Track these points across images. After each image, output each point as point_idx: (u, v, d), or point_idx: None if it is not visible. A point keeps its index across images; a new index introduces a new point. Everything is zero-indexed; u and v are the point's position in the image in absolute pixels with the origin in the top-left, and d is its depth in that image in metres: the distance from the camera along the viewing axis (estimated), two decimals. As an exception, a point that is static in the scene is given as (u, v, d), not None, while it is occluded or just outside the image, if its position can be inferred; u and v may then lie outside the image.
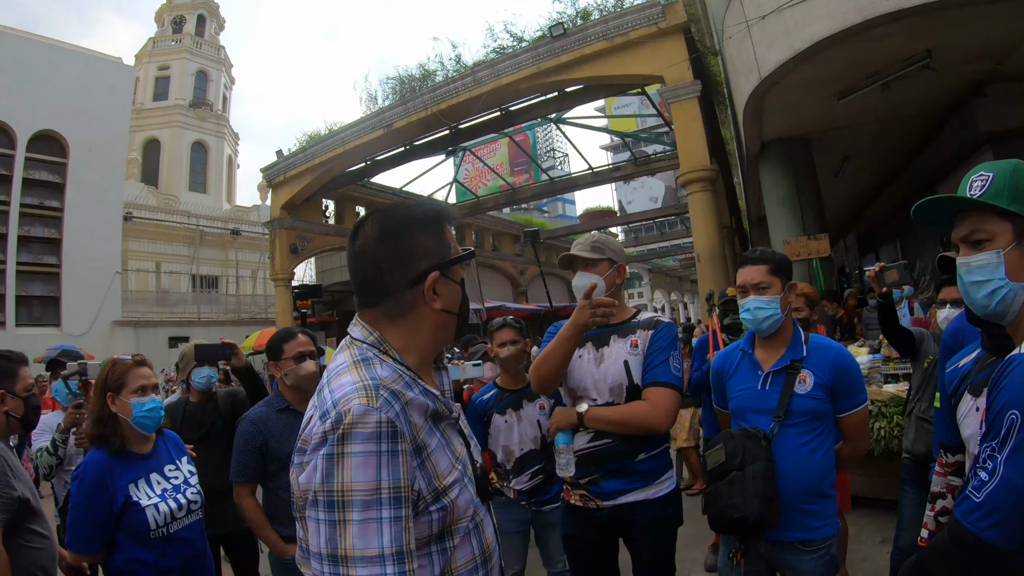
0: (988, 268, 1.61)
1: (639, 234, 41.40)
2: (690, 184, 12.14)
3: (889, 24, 6.19)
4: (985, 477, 1.46)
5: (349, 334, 1.56)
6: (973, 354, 2.01)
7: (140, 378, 3.02)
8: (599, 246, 3.09)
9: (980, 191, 1.62)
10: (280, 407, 3.53)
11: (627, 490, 2.86)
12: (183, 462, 3.21)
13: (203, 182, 46.61)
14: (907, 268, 3.99)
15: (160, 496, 2.95)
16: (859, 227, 18.11)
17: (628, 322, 3.04)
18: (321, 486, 1.28)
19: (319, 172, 19.36)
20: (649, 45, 12.36)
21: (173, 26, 48.92)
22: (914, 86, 7.69)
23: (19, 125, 23.95)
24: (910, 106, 8.72)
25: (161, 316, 28.39)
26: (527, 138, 28.82)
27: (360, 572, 1.24)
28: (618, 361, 2.92)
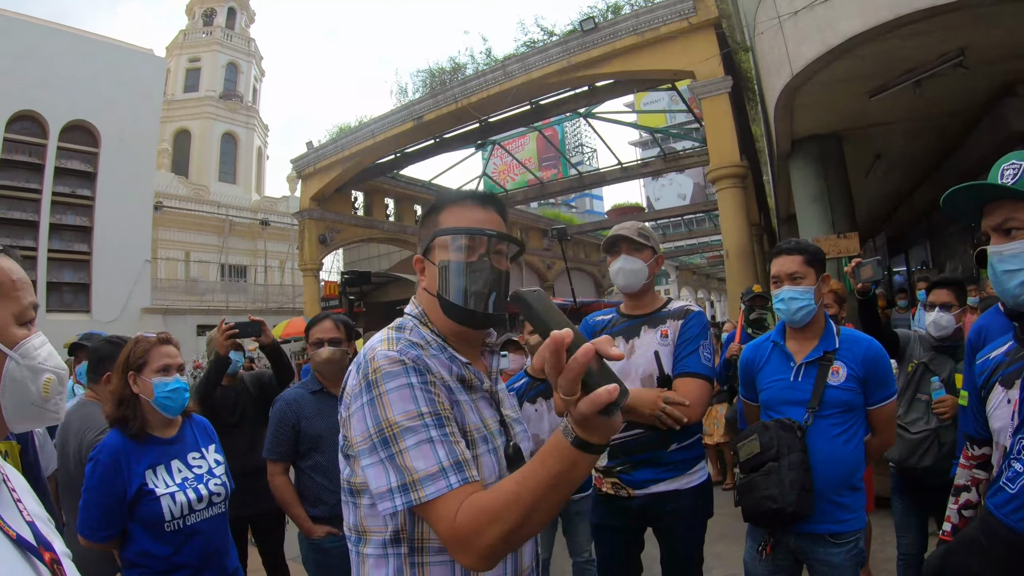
0: (1021, 257, 1.61)
1: (667, 231, 41.20)
2: (720, 180, 12.12)
3: (922, 21, 6.13)
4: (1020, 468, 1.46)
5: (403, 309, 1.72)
6: (1005, 346, 1.99)
7: (164, 356, 2.86)
8: (645, 233, 3.07)
9: (1013, 179, 1.63)
10: (314, 389, 3.65)
11: (658, 479, 2.85)
12: (210, 450, 3.03)
13: (233, 173, 47.13)
14: (880, 264, 3.94)
15: (179, 485, 2.78)
16: (889, 227, 17.90)
17: (658, 312, 3.03)
18: (373, 428, 1.38)
19: (348, 164, 19.51)
20: (680, 40, 12.33)
21: (204, 18, 49.46)
22: (946, 85, 7.60)
23: (51, 115, 24.39)
24: (942, 105, 8.61)
25: (190, 304, 28.79)
26: (556, 133, 28.80)
27: (429, 489, 1.31)
28: (648, 352, 2.91)
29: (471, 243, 1.60)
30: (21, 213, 23.92)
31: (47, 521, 1.29)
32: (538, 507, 1.22)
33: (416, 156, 20.33)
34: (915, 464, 3.72)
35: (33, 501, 1.31)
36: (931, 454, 3.67)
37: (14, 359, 1.18)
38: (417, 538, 1.45)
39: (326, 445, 3.50)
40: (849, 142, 9.84)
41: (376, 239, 24.88)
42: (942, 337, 3.81)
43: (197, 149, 45.74)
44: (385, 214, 24.19)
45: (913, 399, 3.86)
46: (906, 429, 3.81)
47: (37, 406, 1.22)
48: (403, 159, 20.59)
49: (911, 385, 3.90)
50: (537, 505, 1.22)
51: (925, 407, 3.77)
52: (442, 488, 1.31)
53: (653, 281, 3.11)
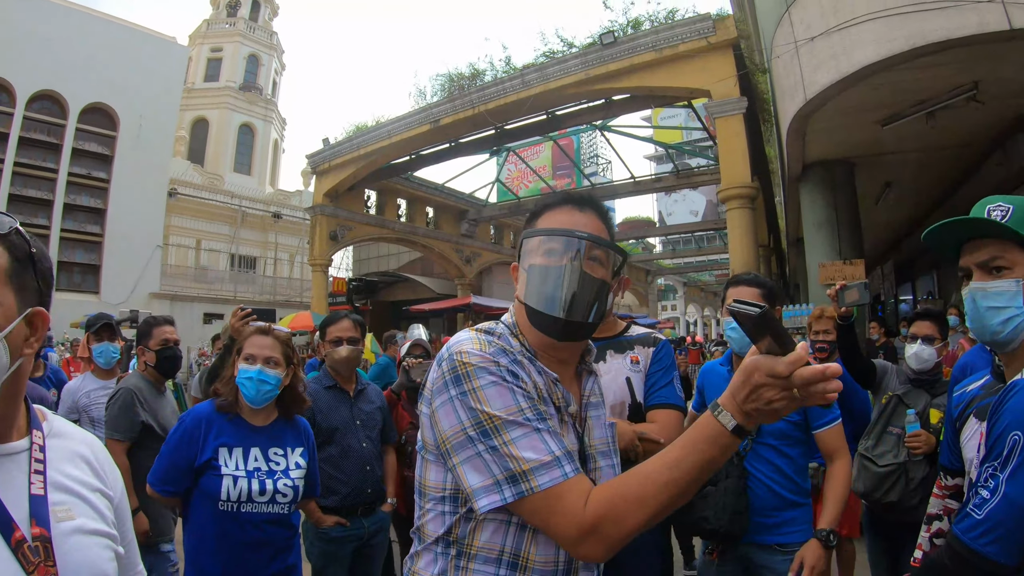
0: (1007, 296, 1.65)
1: (677, 247, 41.26)
2: (730, 200, 12.17)
3: (936, 54, 6.22)
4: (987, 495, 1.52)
5: None
6: (982, 380, 2.05)
7: (252, 346, 2.92)
8: None
9: (1002, 219, 1.66)
10: (328, 384, 3.82)
11: None
12: (295, 451, 3.00)
13: (248, 164, 47.45)
14: (867, 287, 3.92)
15: (248, 473, 2.80)
16: (897, 256, 17.94)
17: (622, 336, 2.87)
18: (469, 421, 1.34)
19: (363, 163, 19.60)
20: (698, 59, 12.38)
21: (228, 9, 49.95)
22: (959, 117, 7.67)
23: (72, 96, 24.64)
24: (954, 136, 8.67)
25: (198, 292, 28.96)
26: (571, 142, 28.85)
27: (543, 479, 1.28)
28: (619, 378, 2.74)
29: (561, 246, 1.51)
30: (36, 191, 24.15)
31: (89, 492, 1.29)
32: (688, 491, 1.23)
33: (431, 159, 20.41)
34: (880, 498, 3.64)
35: (83, 469, 1.31)
36: (897, 488, 3.57)
37: None
38: (466, 543, 1.41)
39: (339, 437, 3.70)
40: (860, 169, 9.89)
41: (386, 239, 24.96)
42: (922, 370, 3.77)
43: (214, 138, 46.09)
44: (397, 214, 24.27)
45: (884, 432, 3.80)
46: (873, 462, 3.73)
47: None
48: (418, 161, 20.67)
49: (883, 417, 3.84)
50: (688, 489, 1.22)
51: (896, 440, 3.69)
52: (557, 477, 1.29)
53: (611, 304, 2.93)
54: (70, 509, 1.22)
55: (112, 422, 3.85)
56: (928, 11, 6.08)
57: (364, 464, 3.75)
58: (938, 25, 6.01)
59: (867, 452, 3.82)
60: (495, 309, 24.53)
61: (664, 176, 23.05)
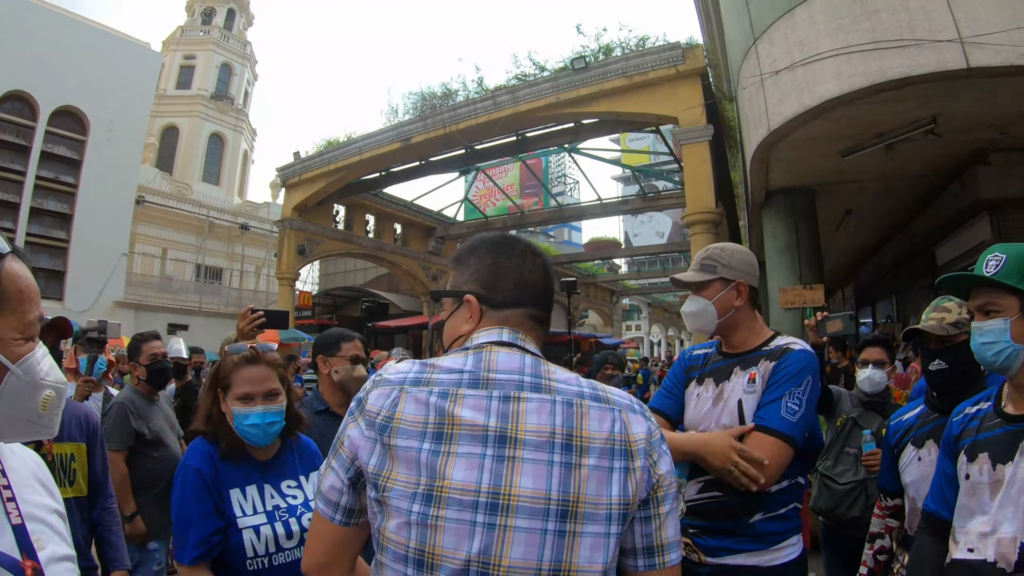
0: (997, 332, 1.91)
1: (642, 267, 41.56)
2: (694, 225, 12.37)
3: (896, 90, 6.44)
4: None
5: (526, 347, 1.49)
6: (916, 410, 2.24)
7: (246, 382, 2.44)
8: (709, 263, 2.61)
9: (995, 270, 1.92)
10: (319, 409, 3.36)
11: (736, 550, 2.37)
12: (311, 479, 2.58)
13: (217, 174, 46.89)
14: (852, 318, 4.01)
15: (267, 515, 2.37)
16: (858, 280, 18.29)
17: (756, 351, 2.54)
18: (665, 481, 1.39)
19: (334, 178, 19.58)
20: (667, 86, 12.61)
21: (203, 17, 49.46)
22: (918, 149, 7.92)
23: (43, 98, 24.20)
24: (913, 167, 8.95)
25: (163, 302, 28.57)
26: (540, 162, 29.12)
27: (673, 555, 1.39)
28: (732, 400, 2.47)
29: None
30: (3, 194, 23.64)
31: (49, 515, 1.28)
32: None
33: (401, 176, 20.44)
34: (843, 514, 3.90)
35: (40, 491, 1.30)
36: (859, 504, 3.84)
37: (16, 374, 1.15)
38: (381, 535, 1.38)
39: None
40: (822, 196, 10.13)
41: (354, 254, 24.91)
42: (874, 393, 4.07)
43: (184, 147, 45.52)
44: (365, 230, 24.26)
45: (841, 452, 4.06)
46: (834, 480, 4.00)
47: (31, 421, 1.19)
48: (388, 178, 20.70)
49: (840, 438, 4.11)
50: None
51: (853, 460, 3.96)
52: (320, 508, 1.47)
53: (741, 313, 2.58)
54: (40, 537, 1.21)
55: (109, 434, 3.99)
56: (888, 49, 6.30)
57: None
58: (898, 63, 6.23)
59: (827, 472, 4.07)
60: (462, 327, 24.57)
61: (631, 198, 23.38)
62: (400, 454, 1.30)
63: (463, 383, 1.36)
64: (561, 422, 1.32)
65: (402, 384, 1.38)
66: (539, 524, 1.25)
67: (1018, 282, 1.87)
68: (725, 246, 2.67)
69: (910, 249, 12.21)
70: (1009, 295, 1.89)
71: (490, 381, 1.37)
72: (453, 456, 1.29)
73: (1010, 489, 1.82)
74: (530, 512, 1.25)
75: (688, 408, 2.61)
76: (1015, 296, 1.88)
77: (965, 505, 1.94)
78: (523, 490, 1.26)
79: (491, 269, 1.55)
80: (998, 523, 1.82)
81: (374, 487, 1.32)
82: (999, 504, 1.83)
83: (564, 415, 1.33)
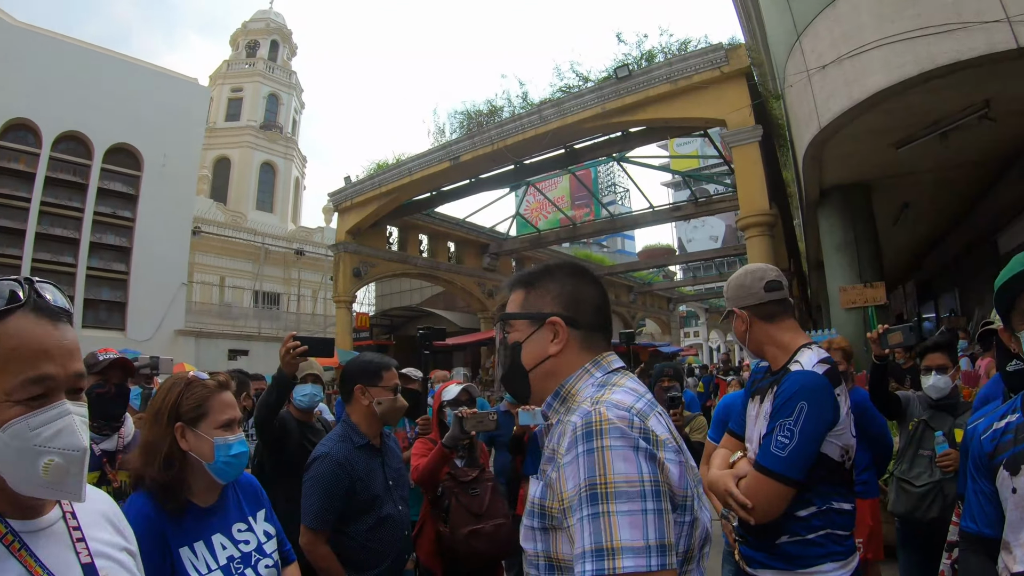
0: None
1: (697, 273, 41.20)
2: (749, 228, 12.19)
3: (946, 76, 6.31)
4: None
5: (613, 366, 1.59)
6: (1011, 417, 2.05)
7: (227, 407, 2.23)
8: (728, 295, 2.67)
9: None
10: (360, 443, 3.18)
11: (768, 565, 2.36)
12: (259, 519, 2.32)
13: (270, 201, 47.90)
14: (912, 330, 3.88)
15: (223, 569, 2.10)
16: (918, 274, 17.92)
17: (783, 368, 2.48)
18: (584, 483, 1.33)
19: (385, 200, 19.84)
20: (712, 89, 12.50)
21: (247, 50, 50.79)
22: (973, 135, 7.74)
23: (97, 138, 25.13)
24: (969, 155, 8.74)
25: (222, 328, 29.21)
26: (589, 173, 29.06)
27: (627, 564, 1.21)
28: (759, 425, 2.46)
29: None
30: (62, 230, 24.50)
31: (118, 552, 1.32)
32: None
33: (451, 195, 20.60)
34: (922, 516, 3.89)
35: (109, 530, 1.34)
36: (936, 506, 3.83)
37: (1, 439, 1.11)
38: None
39: (378, 505, 3.09)
40: (877, 191, 9.94)
41: (409, 274, 25.16)
42: (940, 398, 4.03)
43: (236, 177, 46.64)
44: (419, 250, 24.47)
45: (916, 455, 4.06)
46: (911, 483, 4.00)
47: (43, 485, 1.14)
48: (438, 197, 20.87)
49: (913, 442, 4.11)
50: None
51: (928, 462, 3.96)
52: (641, 567, 1.21)
53: (756, 334, 2.59)
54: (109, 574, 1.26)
55: None
56: (936, 35, 6.17)
57: (402, 530, 3.22)
58: (947, 48, 6.10)
59: (903, 475, 4.09)
60: (518, 342, 24.55)
61: (682, 204, 23.07)
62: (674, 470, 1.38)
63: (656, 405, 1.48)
64: None
65: (653, 408, 1.46)
66: None
67: None
68: (733, 277, 2.69)
69: (971, 240, 11.95)
70: None
71: (650, 398, 1.49)
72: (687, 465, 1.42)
73: None
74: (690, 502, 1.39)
75: (747, 424, 2.60)
76: None
77: (1017, 519, 1.83)
78: (689, 488, 1.39)
79: (572, 294, 1.62)
80: None
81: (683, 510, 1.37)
82: None
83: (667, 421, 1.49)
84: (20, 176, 23.85)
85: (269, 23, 51.74)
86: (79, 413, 1.19)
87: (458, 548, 3.61)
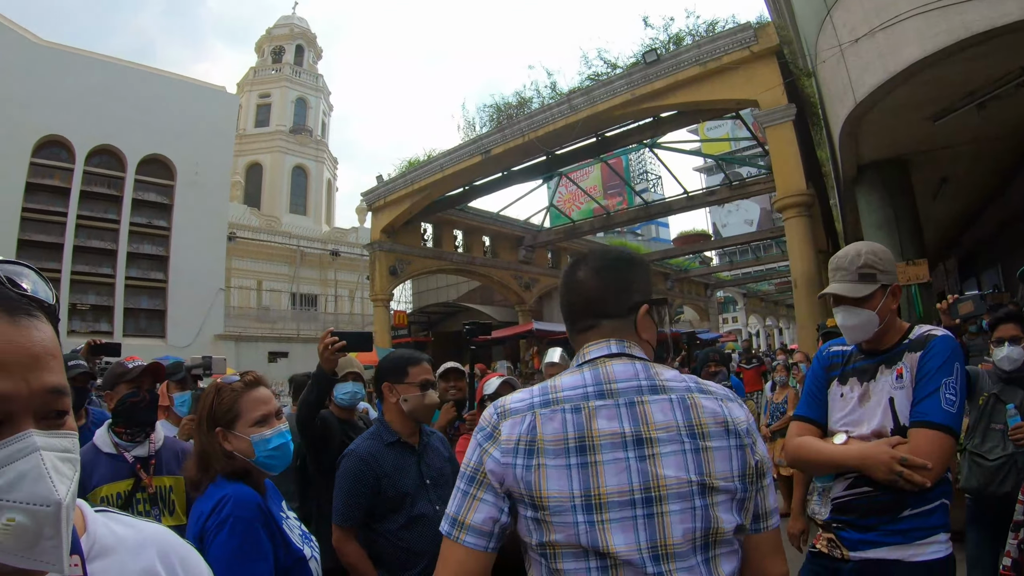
0: None
1: (733, 258, 40.83)
2: (786, 209, 12.08)
3: (981, 45, 6.19)
4: None
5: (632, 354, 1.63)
6: None
7: (259, 404, 2.29)
8: (868, 272, 2.51)
9: None
10: (390, 440, 3.14)
11: (880, 543, 2.33)
12: (284, 505, 2.41)
13: (303, 204, 48.61)
14: (983, 298, 3.89)
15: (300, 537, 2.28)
16: (959, 250, 17.59)
17: (899, 345, 2.49)
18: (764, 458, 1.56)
19: (418, 197, 19.92)
20: (742, 69, 12.38)
21: (273, 56, 51.69)
22: (1010, 105, 7.57)
23: (130, 150, 25.74)
24: (1008, 126, 8.56)
25: (261, 332, 29.67)
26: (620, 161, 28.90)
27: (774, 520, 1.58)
28: (883, 399, 2.42)
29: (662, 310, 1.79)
30: (100, 242, 25.14)
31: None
32: None
33: (484, 189, 20.62)
34: (995, 490, 3.84)
35: None
36: (1010, 480, 3.78)
37: None
38: None
39: (409, 504, 3.03)
40: (915, 166, 9.79)
41: (445, 270, 25.23)
42: (1013, 370, 3.95)
43: (268, 181, 47.37)
44: (454, 245, 24.52)
45: (988, 429, 4.02)
46: (984, 457, 3.97)
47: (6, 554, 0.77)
48: (471, 192, 20.93)
49: (984, 416, 4.07)
50: None
51: (1000, 435, 3.91)
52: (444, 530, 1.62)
53: (892, 315, 2.54)
54: None
55: None
56: (969, 2, 6.08)
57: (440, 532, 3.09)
58: (980, 15, 5.99)
59: (976, 449, 4.06)
60: (557, 333, 24.55)
61: (716, 188, 22.89)
62: (551, 472, 1.46)
63: (590, 396, 1.53)
64: (681, 415, 1.50)
65: (532, 409, 1.53)
66: (688, 504, 1.43)
67: None
68: (875, 248, 2.58)
69: (1012, 213, 11.69)
70: None
71: (613, 391, 1.53)
72: (601, 465, 1.45)
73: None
74: (679, 496, 1.43)
75: (833, 408, 2.58)
76: None
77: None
78: (668, 480, 1.44)
79: (562, 294, 1.77)
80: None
81: (531, 507, 1.48)
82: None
83: (682, 408, 1.51)
84: (55, 191, 24.58)
85: (293, 28, 52.38)
86: (55, 448, 0.84)
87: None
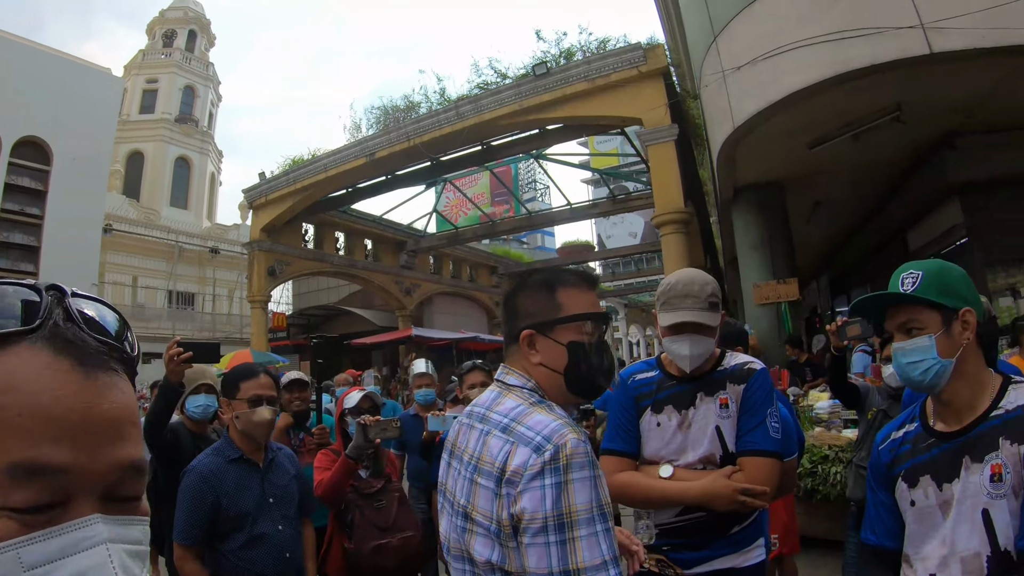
0: (922, 350, 1.83)
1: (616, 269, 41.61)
2: (664, 226, 12.21)
3: (860, 79, 6.41)
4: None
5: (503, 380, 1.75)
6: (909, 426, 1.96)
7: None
8: (715, 300, 2.55)
9: (912, 287, 1.86)
10: (232, 456, 3.05)
11: (714, 556, 2.45)
12: None
13: (184, 198, 46.49)
14: (870, 322, 4.11)
15: None
16: (832, 269, 18.37)
17: (715, 372, 2.56)
18: (552, 512, 1.44)
19: (300, 197, 19.31)
20: (629, 88, 12.47)
21: (164, 39, 49.17)
22: (885, 136, 7.91)
23: (3, 130, 24.03)
24: (881, 155, 8.94)
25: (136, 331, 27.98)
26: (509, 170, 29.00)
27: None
28: (708, 427, 2.48)
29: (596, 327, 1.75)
30: (-31, 229, 23.54)
31: None
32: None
33: (368, 191, 20.17)
34: None
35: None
36: None
37: None
38: None
39: (250, 523, 2.96)
40: (791, 189, 10.11)
41: (326, 272, 24.63)
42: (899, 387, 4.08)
43: (149, 172, 45.01)
44: (335, 248, 23.96)
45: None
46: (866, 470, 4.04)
47: None
48: (355, 194, 20.44)
49: (872, 430, 4.28)
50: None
51: None
52: None
53: None
54: None
55: None
56: (851, 39, 6.28)
57: (282, 551, 3.01)
58: (861, 52, 6.23)
59: (861, 462, 4.39)
60: (436, 340, 24.44)
61: (601, 201, 23.21)
62: None
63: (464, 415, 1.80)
64: (475, 446, 1.64)
65: None
66: (457, 520, 1.63)
67: (937, 296, 1.84)
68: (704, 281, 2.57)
69: (883, 237, 12.22)
70: (930, 311, 1.85)
71: (472, 413, 1.75)
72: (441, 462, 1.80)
73: (961, 506, 1.75)
74: (453, 509, 1.67)
75: (649, 438, 2.59)
76: (936, 311, 1.84)
77: (916, 532, 1.86)
78: (457, 494, 1.65)
79: None
80: (955, 543, 1.75)
81: None
82: (952, 524, 1.76)
83: (479, 441, 1.64)
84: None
85: (187, 11, 50.09)
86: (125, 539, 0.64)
87: (363, 565, 3.53)
